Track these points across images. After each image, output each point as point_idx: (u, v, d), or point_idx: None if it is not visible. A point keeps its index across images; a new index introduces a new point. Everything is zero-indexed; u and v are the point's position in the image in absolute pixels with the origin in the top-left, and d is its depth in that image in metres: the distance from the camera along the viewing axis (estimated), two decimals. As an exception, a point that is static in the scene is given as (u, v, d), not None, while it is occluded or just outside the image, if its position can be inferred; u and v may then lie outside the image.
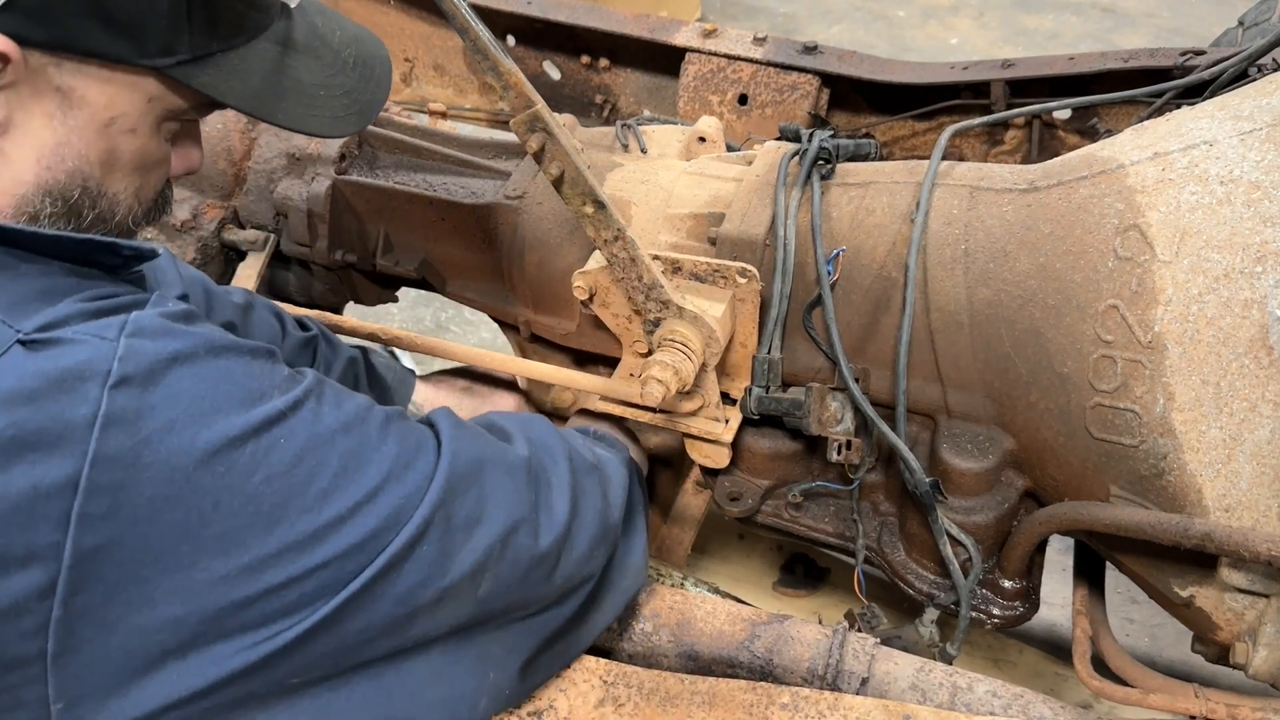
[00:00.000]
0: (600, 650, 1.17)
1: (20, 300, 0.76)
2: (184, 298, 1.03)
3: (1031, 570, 1.33)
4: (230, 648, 0.77)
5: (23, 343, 0.73)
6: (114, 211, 0.92)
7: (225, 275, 1.62)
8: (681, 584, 1.55)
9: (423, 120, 1.85)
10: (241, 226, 1.63)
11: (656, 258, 1.24)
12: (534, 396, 1.61)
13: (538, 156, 1.10)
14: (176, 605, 0.75)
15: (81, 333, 0.75)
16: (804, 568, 1.91)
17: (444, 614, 0.88)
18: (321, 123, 0.97)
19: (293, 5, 0.96)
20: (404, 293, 1.82)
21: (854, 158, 1.37)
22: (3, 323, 0.74)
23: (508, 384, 1.56)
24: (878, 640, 1.17)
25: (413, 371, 1.56)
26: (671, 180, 1.42)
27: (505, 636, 0.97)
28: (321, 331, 1.47)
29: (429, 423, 0.97)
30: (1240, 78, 1.43)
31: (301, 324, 1.46)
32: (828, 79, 1.95)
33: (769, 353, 1.27)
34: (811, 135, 1.36)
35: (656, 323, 1.21)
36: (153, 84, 0.87)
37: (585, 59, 2.16)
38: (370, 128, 1.61)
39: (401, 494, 0.84)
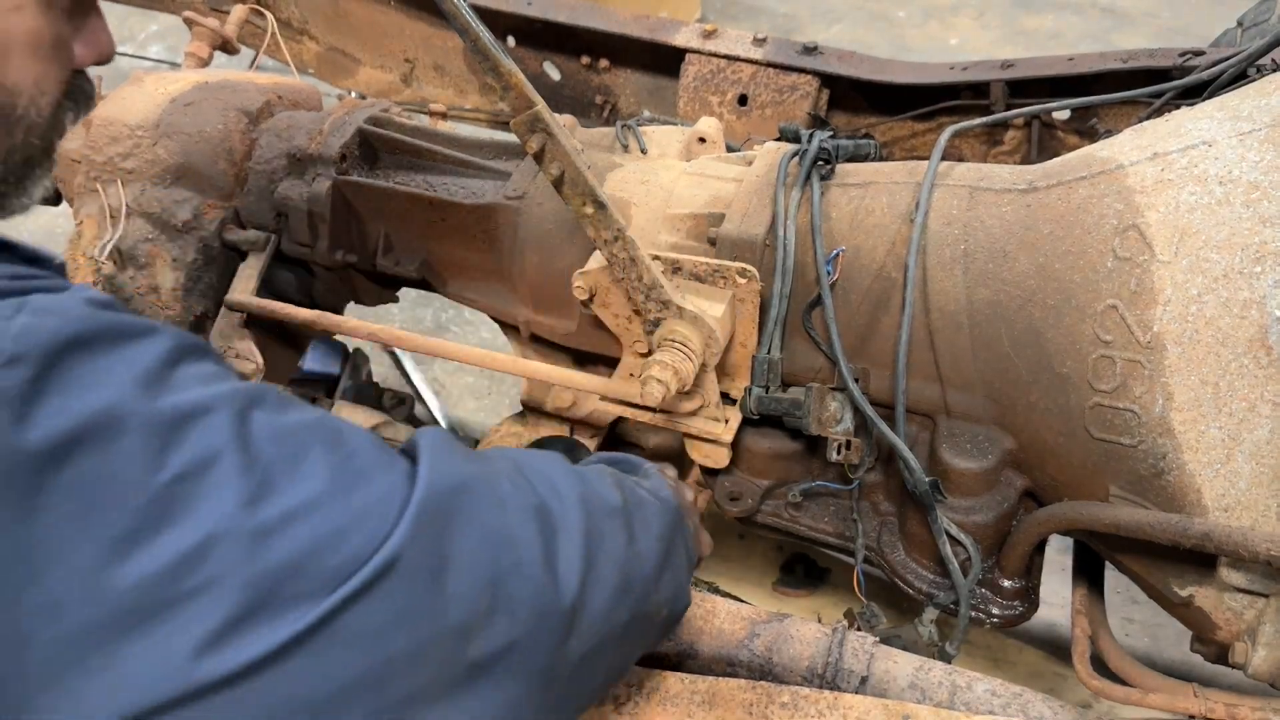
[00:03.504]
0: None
1: None
2: None
3: (1031, 570, 1.33)
4: (153, 662, 0.67)
5: None
6: (14, 103, 0.85)
7: (226, 276, 1.62)
8: (681, 584, 1.55)
9: (423, 120, 1.85)
10: (242, 227, 1.63)
11: (656, 258, 1.24)
12: (534, 397, 1.62)
13: (538, 157, 1.10)
14: (86, 611, 0.67)
15: None
16: (804, 567, 1.91)
17: (428, 665, 0.75)
18: None
19: None
20: (404, 293, 1.82)
21: (854, 158, 1.37)
22: None
23: None
24: (877, 639, 1.17)
25: None
26: (671, 180, 1.42)
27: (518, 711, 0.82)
28: None
29: (410, 445, 0.84)
30: (1239, 78, 1.43)
31: None
32: (827, 79, 1.95)
33: (769, 353, 1.27)
34: (811, 136, 1.36)
35: (656, 323, 1.21)
36: None
37: (585, 59, 2.16)
38: (371, 128, 1.61)
39: (348, 514, 0.73)
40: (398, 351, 2.98)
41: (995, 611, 1.32)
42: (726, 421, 1.33)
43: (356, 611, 0.71)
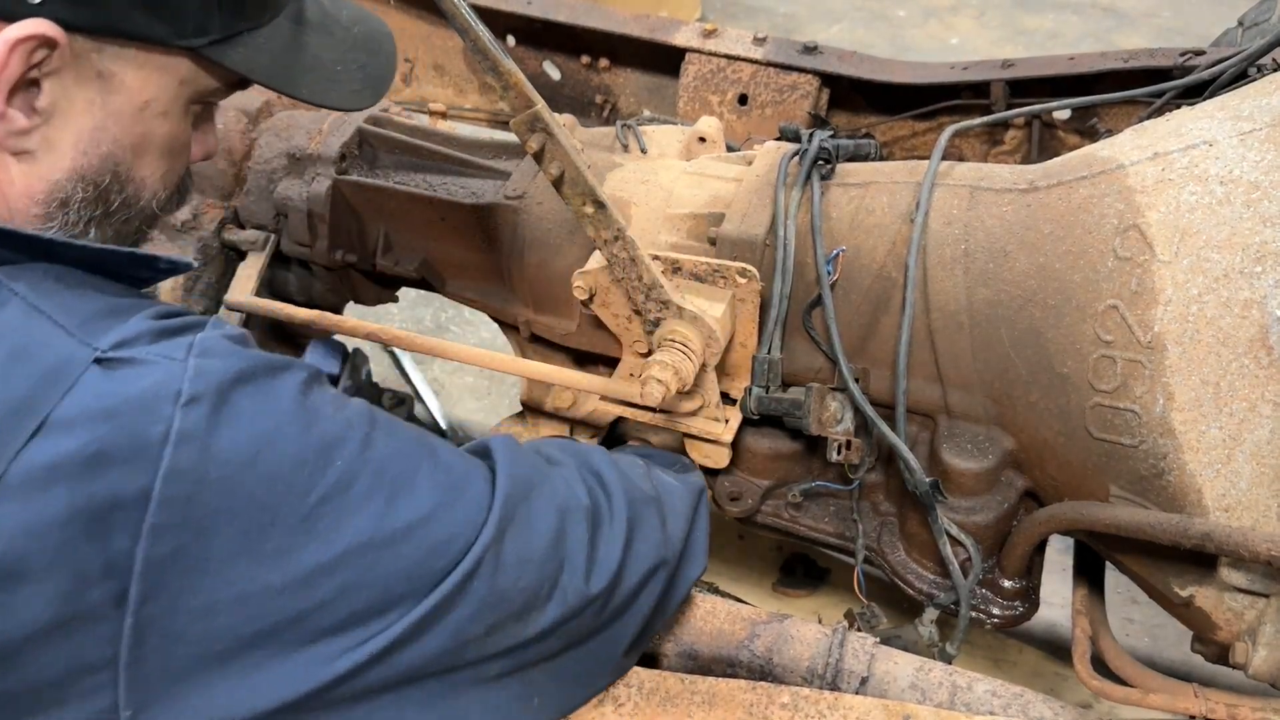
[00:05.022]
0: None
1: (90, 317, 0.79)
2: None
3: (1031, 570, 1.33)
4: (287, 668, 0.78)
5: (100, 361, 0.76)
6: (140, 196, 0.95)
7: (225, 275, 1.61)
8: (681, 584, 1.55)
9: (423, 120, 1.85)
10: (241, 226, 1.63)
11: (656, 258, 1.24)
12: (533, 397, 1.61)
13: (538, 156, 1.10)
14: (234, 616, 0.77)
15: (153, 353, 0.77)
16: (804, 568, 1.91)
17: (491, 643, 0.88)
18: (341, 96, 1.01)
19: None
20: (404, 293, 1.82)
21: (854, 158, 1.37)
22: (81, 341, 0.76)
23: None
24: (877, 640, 1.16)
25: None
26: (671, 180, 1.42)
27: (552, 665, 0.96)
28: None
29: (485, 450, 0.97)
30: (1240, 78, 1.43)
31: None
32: (828, 79, 1.95)
33: (769, 353, 1.27)
34: (811, 135, 1.36)
35: (656, 323, 1.21)
36: (185, 65, 0.90)
37: (585, 59, 2.16)
38: (370, 127, 1.61)
39: (454, 523, 0.85)
40: (398, 351, 2.98)
41: (996, 612, 1.32)
42: (726, 421, 1.32)
43: (451, 605, 0.84)
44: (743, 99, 1.99)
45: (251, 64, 0.92)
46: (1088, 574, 1.36)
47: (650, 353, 1.22)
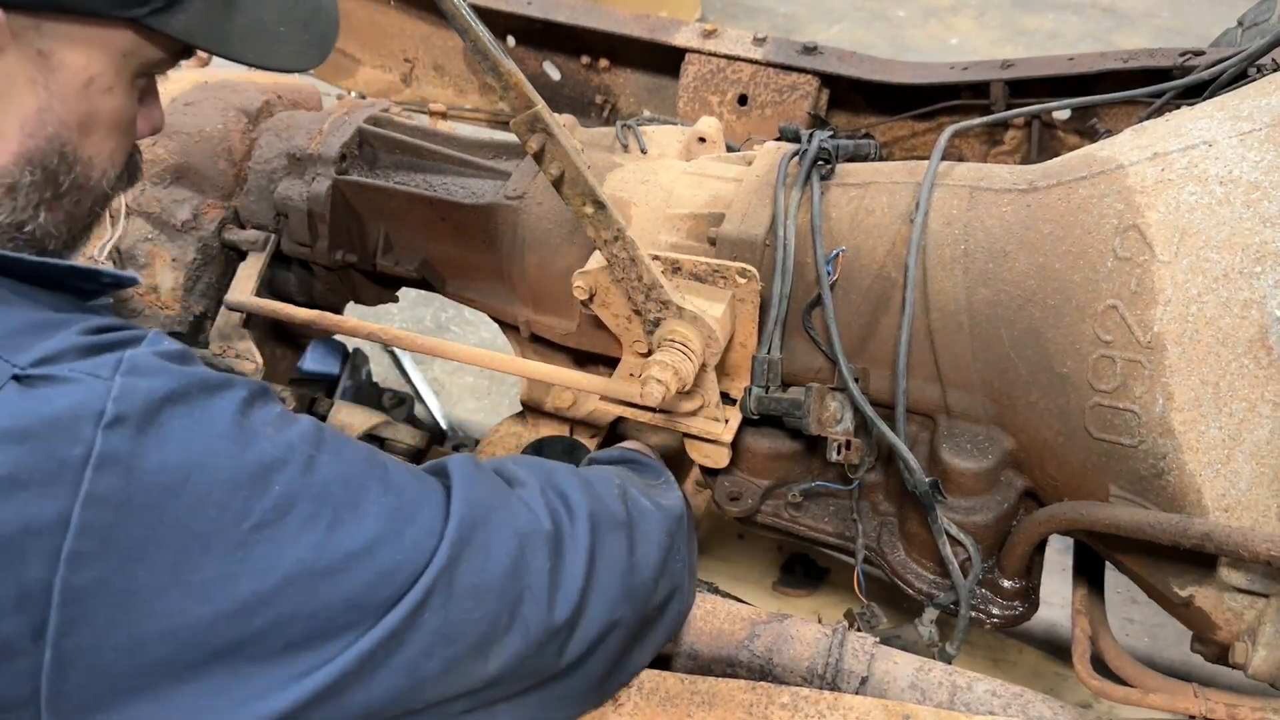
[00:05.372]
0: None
1: (14, 332, 0.75)
2: None
3: (1031, 570, 1.33)
4: (220, 703, 0.74)
5: (18, 378, 0.72)
6: (89, 176, 0.92)
7: (226, 275, 1.62)
8: (681, 584, 1.55)
9: (423, 120, 1.85)
10: (242, 226, 1.63)
11: (656, 258, 1.24)
12: (533, 397, 1.62)
13: (538, 157, 1.10)
14: (163, 650, 0.73)
15: (77, 371, 0.73)
16: (804, 567, 1.91)
17: (451, 682, 0.85)
18: (286, 57, 0.97)
19: None
20: (404, 293, 1.82)
21: (854, 158, 1.37)
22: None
23: None
24: (877, 640, 1.17)
25: None
26: (671, 180, 1.42)
27: (518, 702, 0.93)
28: None
29: (442, 470, 0.93)
30: (1240, 78, 1.43)
31: None
32: (827, 79, 1.95)
33: (769, 353, 1.27)
34: (811, 135, 1.36)
35: (656, 323, 1.21)
36: (127, 37, 0.88)
37: (585, 59, 2.16)
38: (370, 128, 1.62)
39: (401, 551, 0.81)
40: (398, 351, 2.98)
41: (995, 612, 1.32)
42: (726, 421, 1.32)
43: (401, 639, 0.79)
44: (743, 99, 1.99)
45: (192, 29, 0.89)
46: (1088, 574, 1.36)
47: (650, 353, 1.22)
